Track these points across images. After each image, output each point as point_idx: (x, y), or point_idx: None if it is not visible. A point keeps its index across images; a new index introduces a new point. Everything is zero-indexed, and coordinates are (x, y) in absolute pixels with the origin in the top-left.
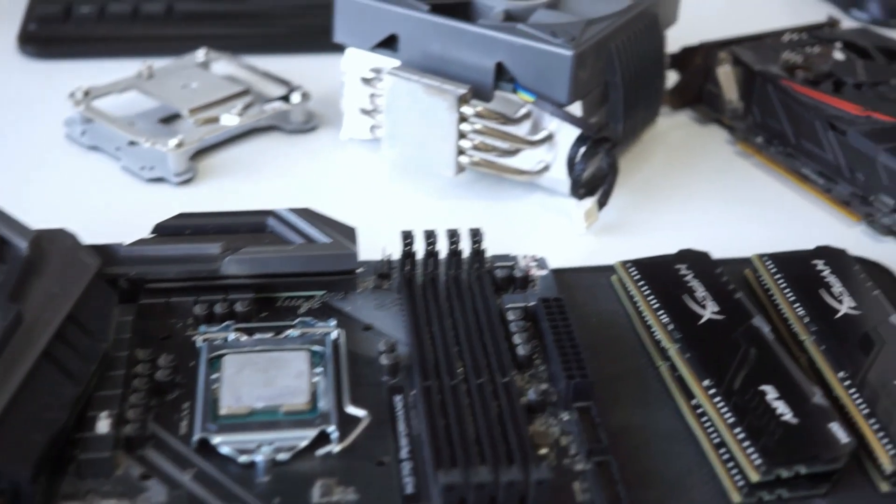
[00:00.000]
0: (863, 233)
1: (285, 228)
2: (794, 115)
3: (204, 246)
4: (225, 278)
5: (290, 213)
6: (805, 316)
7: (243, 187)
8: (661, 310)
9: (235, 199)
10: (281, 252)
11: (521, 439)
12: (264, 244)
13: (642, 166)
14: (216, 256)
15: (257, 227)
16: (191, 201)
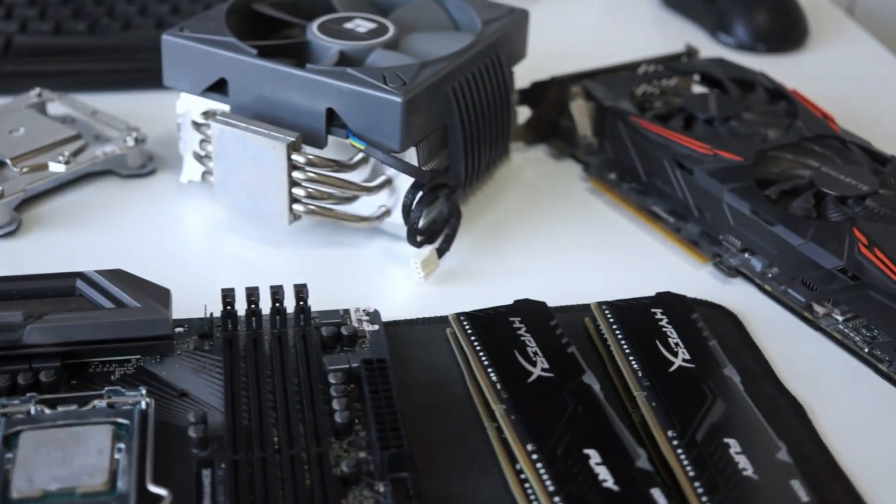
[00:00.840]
0: (710, 274)
1: (95, 292)
2: (643, 153)
3: (4, 314)
4: (28, 347)
5: (100, 275)
6: (639, 370)
7: (72, 239)
8: (491, 367)
9: (62, 252)
10: (88, 318)
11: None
12: (71, 310)
13: (492, 206)
14: (17, 325)
15: (66, 291)
16: (13, 256)
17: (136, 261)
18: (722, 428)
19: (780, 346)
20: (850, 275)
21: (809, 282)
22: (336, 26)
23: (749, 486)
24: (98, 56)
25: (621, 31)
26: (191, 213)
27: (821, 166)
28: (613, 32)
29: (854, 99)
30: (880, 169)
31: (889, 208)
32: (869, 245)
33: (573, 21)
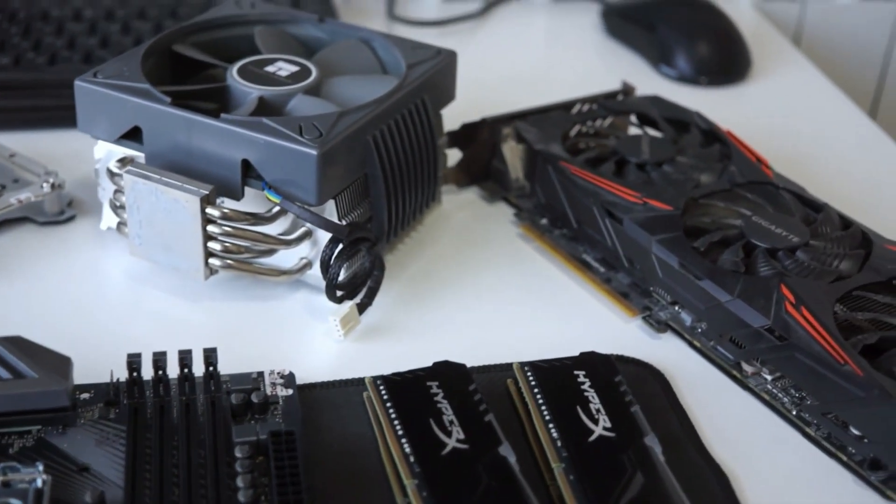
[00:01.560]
0: (639, 328)
1: None
2: (573, 199)
3: None
4: None
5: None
6: (558, 439)
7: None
8: (405, 437)
9: None
10: None
11: None
12: None
13: (420, 254)
14: None
15: None
16: None
17: (46, 317)
18: (642, 500)
19: (707, 407)
20: (777, 335)
21: (738, 339)
22: (257, 69)
23: None
24: (21, 92)
25: (565, 62)
26: (108, 265)
27: (752, 215)
28: (557, 63)
29: (795, 131)
30: (813, 217)
31: (819, 262)
32: (796, 304)
33: (517, 49)
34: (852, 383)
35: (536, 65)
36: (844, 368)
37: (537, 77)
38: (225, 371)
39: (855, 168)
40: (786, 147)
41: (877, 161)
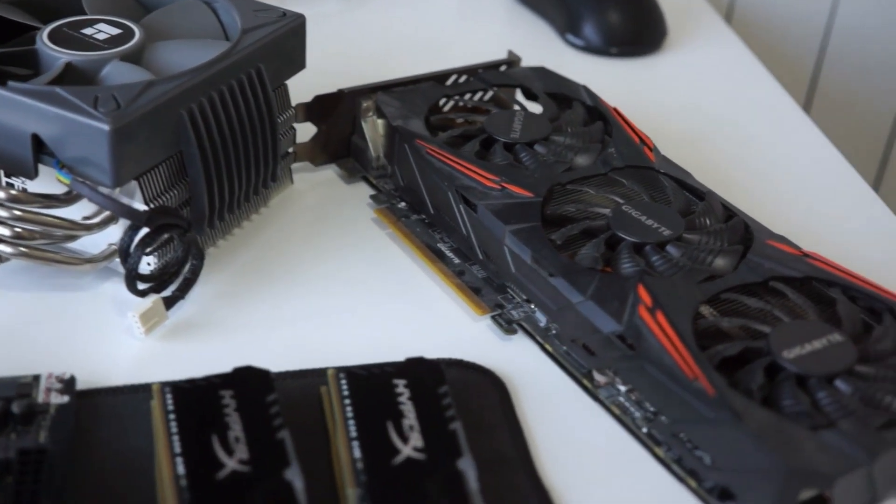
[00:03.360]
0: (490, 327)
1: None
2: (430, 182)
3: None
4: None
5: None
6: (359, 460)
7: None
8: (181, 455)
9: None
10: None
11: None
12: None
13: (257, 241)
14: None
15: None
16: None
17: None
18: None
19: (550, 421)
20: (629, 342)
21: (590, 345)
22: (71, 32)
23: None
24: None
25: (468, 30)
26: None
27: (623, 204)
28: (459, 31)
29: (705, 110)
30: (694, 206)
31: (691, 258)
32: (652, 307)
33: (418, 14)
34: (703, 402)
35: (437, 32)
36: (695, 385)
37: (436, 45)
38: (3, 374)
39: (768, 154)
40: (691, 127)
41: (793, 146)
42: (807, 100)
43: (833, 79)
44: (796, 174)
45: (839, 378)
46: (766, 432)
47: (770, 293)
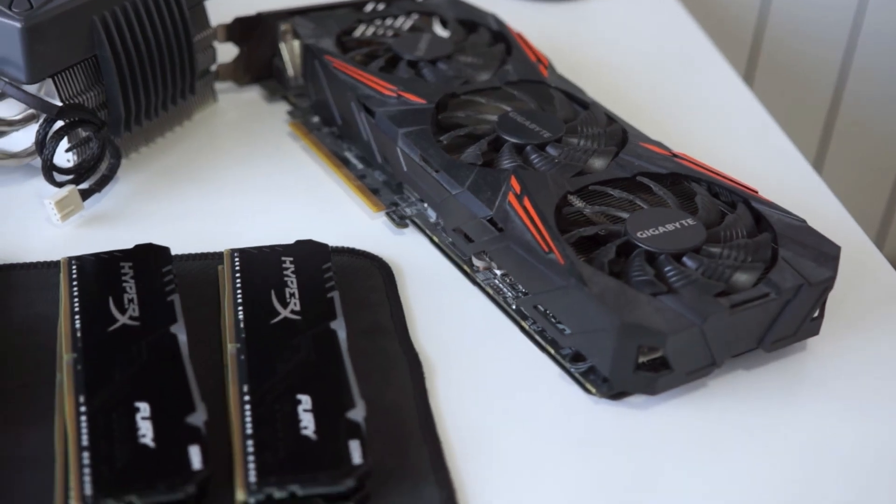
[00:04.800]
0: (384, 224)
1: None
2: (337, 94)
3: None
4: None
5: None
6: (241, 321)
7: None
8: (78, 314)
9: None
10: None
11: None
12: None
13: (177, 149)
14: None
15: None
16: None
17: None
18: (300, 384)
19: (430, 301)
20: (499, 227)
21: (468, 232)
22: None
23: (301, 445)
24: None
25: None
26: None
27: (510, 112)
28: None
29: (626, 51)
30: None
31: (568, 158)
32: (520, 194)
33: None
34: (555, 272)
35: None
36: (549, 256)
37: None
38: None
39: (680, 95)
40: (613, 69)
41: (707, 87)
42: (748, 71)
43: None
44: (705, 111)
45: (687, 255)
46: (607, 295)
47: (637, 187)
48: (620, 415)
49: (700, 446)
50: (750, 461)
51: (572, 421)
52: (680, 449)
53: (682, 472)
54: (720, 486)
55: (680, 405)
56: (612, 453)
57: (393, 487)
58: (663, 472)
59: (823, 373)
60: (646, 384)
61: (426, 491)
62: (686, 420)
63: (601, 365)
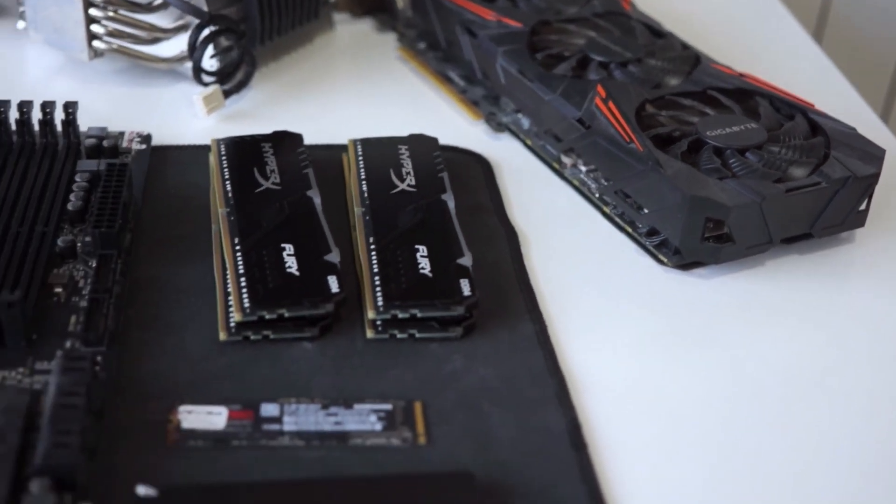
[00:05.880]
0: (483, 131)
1: None
2: (444, 21)
3: None
4: None
5: None
6: (365, 191)
7: None
8: (228, 179)
9: None
10: None
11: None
12: None
13: (304, 65)
14: None
15: None
16: None
17: None
18: (418, 238)
19: (524, 190)
20: (586, 125)
21: (557, 133)
22: None
23: (420, 281)
24: None
25: None
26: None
27: (597, 36)
28: None
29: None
30: (656, 42)
31: (647, 74)
32: (605, 99)
33: None
34: (635, 159)
35: None
36: (629, 146)
37: None
38: (97, 131)
39: (749, 58)
40: (681, 24)
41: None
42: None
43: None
44: (773, 68)
45: (749, 151)
46: (679, 175)
47: (706, 100)
48: (687, 283)
49: (756, 314)
50: (800, 327)
51: (644, 285)
52: (737, 314)
53: (738, 334)
54: (773, 347)
55: (739, 278)
56: (677, 314)
57: (494, 322)
58: (722, 332)
59: (871, 260)
60: (711, 253)
61: (522, 325)
62: (744, 291)
63: (672, 237)
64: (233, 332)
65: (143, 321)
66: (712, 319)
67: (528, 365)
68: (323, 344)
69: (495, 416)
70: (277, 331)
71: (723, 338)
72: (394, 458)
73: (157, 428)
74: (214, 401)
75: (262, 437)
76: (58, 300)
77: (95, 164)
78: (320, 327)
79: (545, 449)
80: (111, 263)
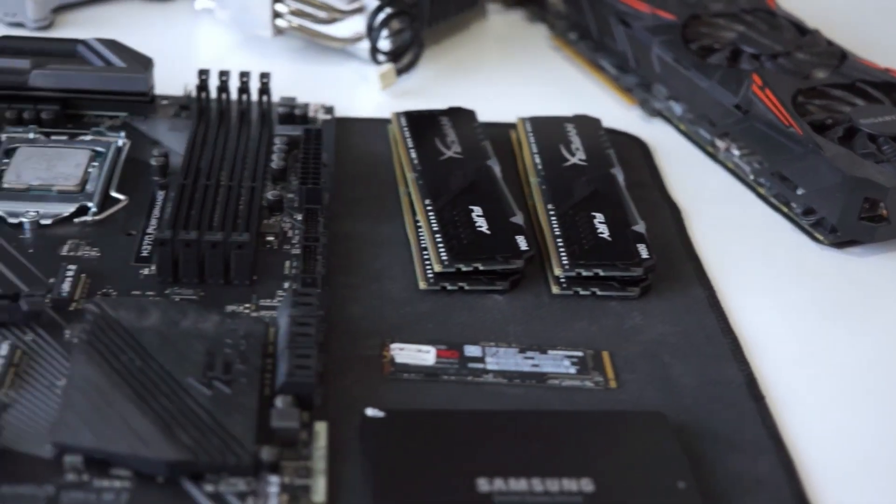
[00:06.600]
0: (637, 115)
1: (92, 55)
2: (597, 13)
3: (16, 61)
4: (33, 90)
5: (97, 42)
6: (539, 163)
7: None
8: (412, 148)
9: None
10: (81, 70)
11: (246, 220)
12: (70, 63)
13: (462, 50)
14: (25, 70)
15: (69, 53)
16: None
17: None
18: (593, 206)
19: (680, 170)
20: (743, 110)
21: (712, 118)
22: None
23: (600, 244)
24: None
25: None
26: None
27: (746, 30)
28: None
29: None
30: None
31: (796, 66)
32: (762, 86)
33: None
34: (793, 142)
35: None
36: (789, 130)
37: None
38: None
39: None
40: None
41: None
42: None
43: None
44: None
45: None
46: (838, 158)
47: (855, 92)
48: (842, 260)
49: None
50: None
51: (801, 260)
52: (889, 291)
53: (889, 310)
54: None
55: (893, 258)
56: (836, 286)
57: (666, 285)
58: (873, 308)
59: None
60: (867, 232)
61: (692, 289)
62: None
63: (830, 216)
64: (431, 282)
65: (347, 269)
66: (869, 293)
67: (702, 324)
68: (512, 297)
69: (676, 368)
70: (472, 283)
71: (872, 314)
72: (589, 398)
73: (372, 361)
74: (420, 341)
75: (468, 373)
76: (270, 247)
77: (291, 129)
78: (510, 281)
79: (725, 398)
80: (317, 216)
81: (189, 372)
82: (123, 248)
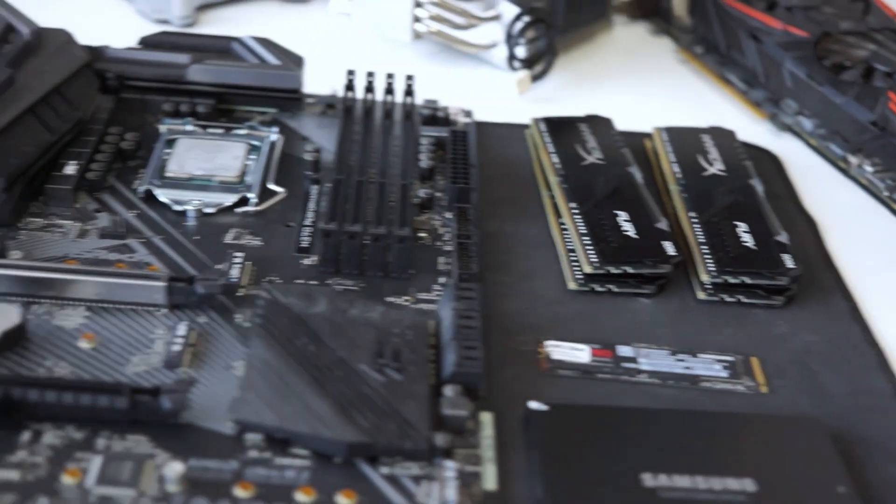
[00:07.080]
0: (766, 129)
1: (246, 52)
2: (726, 27)
3: (176, 56)
4: (190, 84)
5: (252, 40)
6: (678, 172)
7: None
8: (554, 152)
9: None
10: (236, 66)
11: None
12: (226, 60)
13: (590, 59)
14: (185, 64)
15: (224, 50)
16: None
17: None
18: (735, 215)
19: (811, 183)
20: (880, 127)
21: (846, 135)
22: None
23: (745, 252)
24: None
25: None
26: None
27: (877, 48)
28: None
29: None
30: None
31: None
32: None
33: None
34: None
35: None
36: None
37: None
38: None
39: None
40: None
41: None
42: None
43: None
44: None
45: None
46: None
47: None
48: None
49: None
50: None
51: None
52: None
53: None
54: None
55: None
56: None
57: (808, 295)
58: None
59: None
60: None
61: (834, 300)
62: None
63: None
64: (581, 283)
65: (497, 267)
66: None
67: (847, 335)
68: (658, 301)
69: (825, 375)
70: (620, 285)
71: None
72: (741, 401)
73: (528, 357)
74: (573, 339)
75: (622, 373)
76: (423, 243)
77: (435, 130)
78: (657, 286)
79: (876, 407)
80: (467, 215)
81: (361, 358)
82: (283, 238)
